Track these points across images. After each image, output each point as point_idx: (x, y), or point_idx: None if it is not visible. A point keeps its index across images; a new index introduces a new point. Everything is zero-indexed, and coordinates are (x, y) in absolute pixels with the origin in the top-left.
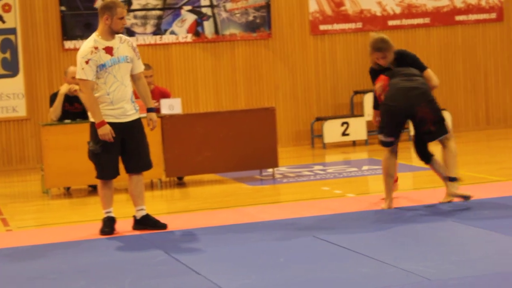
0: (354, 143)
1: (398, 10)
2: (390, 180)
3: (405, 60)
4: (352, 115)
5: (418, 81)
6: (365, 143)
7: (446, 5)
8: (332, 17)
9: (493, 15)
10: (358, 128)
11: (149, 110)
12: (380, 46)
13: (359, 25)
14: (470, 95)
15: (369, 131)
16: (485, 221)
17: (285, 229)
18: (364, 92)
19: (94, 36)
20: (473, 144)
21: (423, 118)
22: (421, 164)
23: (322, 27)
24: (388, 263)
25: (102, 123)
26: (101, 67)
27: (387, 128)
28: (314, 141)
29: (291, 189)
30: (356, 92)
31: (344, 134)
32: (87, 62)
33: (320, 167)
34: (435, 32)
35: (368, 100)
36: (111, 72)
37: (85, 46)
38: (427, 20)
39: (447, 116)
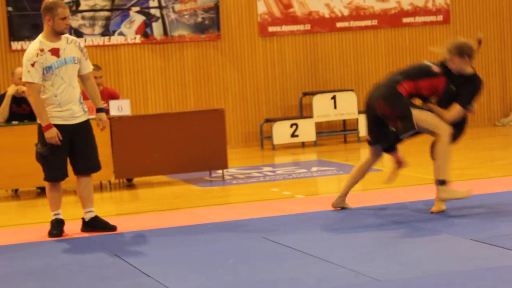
0: (303, 145)
1: (346, 12)
2: (351, 181)
3: (464, 84)
4: (301, 116)
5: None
6: (314, 144)
7: (393, 8)
8: (281, 18)
9: (440, 18)
10: (307, 129)
11: (99, 110)
12: (472, 54)
13: (307, 27)
14: None
15: (318, 133)
16: (433, 221)
17: (235, 230)
18: (313, 93)
19: (40, 38)
20: (423, 145)
21: (383, 115)
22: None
23: (271, 29)
24: (337, 264)
25: (49, 126)
26: (48, 69)
27: (367, 127)
28: (263, 142)
29: (241, 191)
30: (305, 94)
31: (293, 135)
32: (33, 65)
33: (270, 168)
34: (383, 34)
35: (317, 101)
36: (58, 74)
37: (31, 48)
38: (375, 22)
39: None
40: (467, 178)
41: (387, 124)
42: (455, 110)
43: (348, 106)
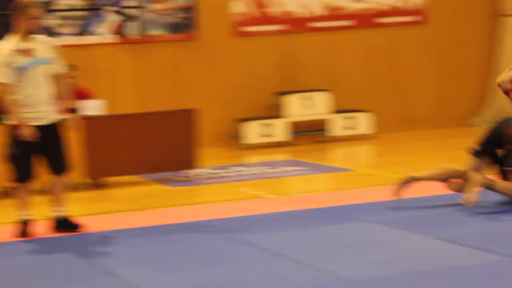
0: (276, 144)
1: (321, 13)
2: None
3: None
4: (275, 116)
5: None
6: (287, 144)
7: (371, 8)
8: (257, 18)
9: (418, 18)
10: (279, 129)
11: (71, 111)
12: None
13: (283, 27)
14: (394, 96)
15: (291, 132)
16: (400, 221)
17: (204, 230)
18: (288, 93)
19: (12, 38)
20: (396, 145)
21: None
22: (340, 164)
23: (246, 29)
24: (304, 263)
25: (24, 123)
26: (19, 69)
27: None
28: (235, 142)
29: (211, 190)
30: (279, 94)
31: (266, 135)
32: (5, 65)
33: (241, 168)
34: (360, 34)
35: (291, 101)
36: (29, 74)
37: (2, 48)
38: (351, 22)
39: (370, 117)
40: None
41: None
42: None
43: (322, 106)
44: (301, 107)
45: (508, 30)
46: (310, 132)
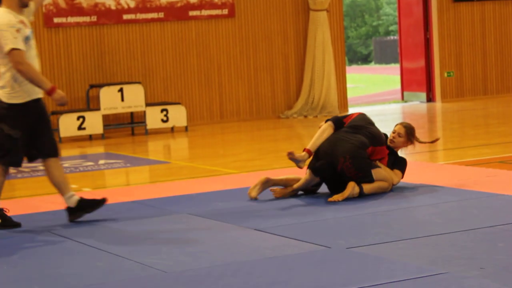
0: (90, 137)
1: (132, 5)
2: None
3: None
4: (88, 109)
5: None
6: (102, 137)
7: (180, 1)
8: (66, 9)
9: (225, 11)
10: (94, 122)
11: None
12: None
13: (93, 18)
14: (204, 89)
15: (105, 125)
16: (218, 212)
17: (21, 225)
18: (100, 86)
19: (5, 9)
20: (208, 137)
21: (343, 170)
22: (156, 157)
23: (56, 20)
24: (124, 256)
25: (55, 87)
26: (26, 39)
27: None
28: None
29: (26, 185)
30: (91, 86)
31: (80, 128)
32: (18, 31)
33: None
34: (169, 27)
35: (104, 93)
36: (31, 45)
37: (6, 16)
38: (161, 14)
39: (181, 110)
40: (251, 169)
41: (338, 175)
42: (400, 175)
43: (135, 99)
44: (114, 99)
45: (317, 24)
46: (124, 125)
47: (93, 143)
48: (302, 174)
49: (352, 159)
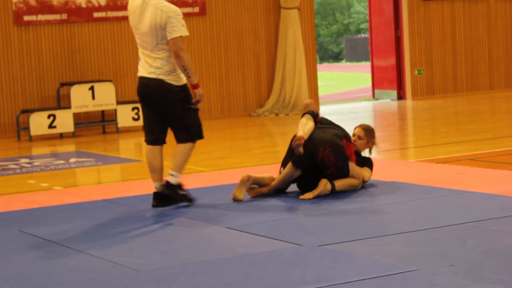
0: (61, 136)
1: (103, 2)
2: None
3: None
4: (59, 107)
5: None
6: (72, 135)
7: None
8: (36, 7)
9: (196, 9)
10: (65, 120)
11: None
12: None
13: (64, 16)
14: None
15: (76, 124)
16: (189, 210)
17: None
18: (71, 84)
19: None
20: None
21: (324, 161)
22: (127, 155)
23: (26, 18)
24: (95, 255)
25: (199, 83)
26: None
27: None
28: (20, 133)
29: None
30: (62, 84)
31: (51, 126)
32: (183, 19)
33: (27, 160)
34: None
35: (75, 92)
36: None
37: (171, 5)
38: None
39: None
40: (223, 168)
41: (320, 169)
42: (370, 172)
43: (106, 97)
44: (85, 98)
45: (289, 22)
46: (95, 123)
47: (64, 142)
48: (276, 174)
49: (331, 148)
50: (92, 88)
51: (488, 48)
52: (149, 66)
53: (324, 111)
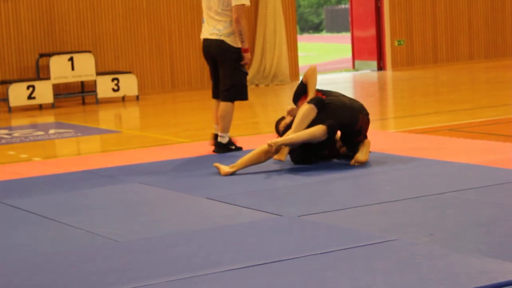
0: (40, 107)
1: None
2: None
3: None
4: (38, 78)
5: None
6: (52, 106)
7: None
8: None
9: None
10: (45, 91)
11: None
12: None
13: None
14: (155, 58)
15: (56, 95)
16: (170, 181)
17: None
18: (50, 55)
19: None
20: (159, 106)
21: (361, 128)
22: (107, 126)
23: None
24: (75, 226)
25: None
26: None
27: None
28: (0, 104)
29: None
30: (41, 55)
31: (30, 97)
32: None
33: (6, 131)
34: None
35: (54, 62)
36: None
37: None
38: None
39: (132, 79)
40: (203, 139)
41: (350, 136)
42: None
43: (85, 68)
44: (64, 68)
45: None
46: (75, 94)
47: (43, 113)
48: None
49: (368, 115)
50: (71, 59)
51: (468, 18)
52: (213, 27)
53: None
